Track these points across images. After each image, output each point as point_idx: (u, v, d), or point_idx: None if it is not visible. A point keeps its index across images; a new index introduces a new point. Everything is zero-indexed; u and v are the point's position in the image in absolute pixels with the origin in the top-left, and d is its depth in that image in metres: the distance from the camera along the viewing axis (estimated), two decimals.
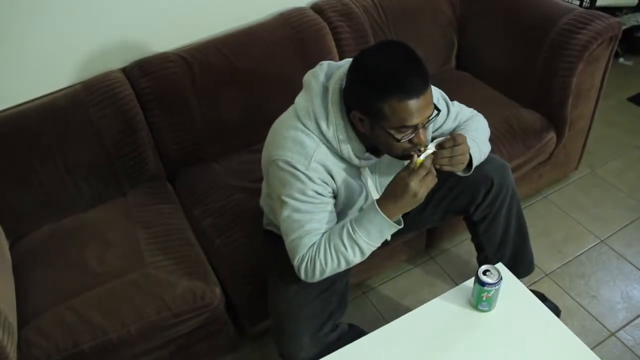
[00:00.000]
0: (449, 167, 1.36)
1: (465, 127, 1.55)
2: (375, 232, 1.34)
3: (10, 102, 1.89)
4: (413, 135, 1.26)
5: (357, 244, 1.35)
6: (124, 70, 2.00)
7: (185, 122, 2.00)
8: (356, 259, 1.38)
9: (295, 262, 1.39)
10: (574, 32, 1.98)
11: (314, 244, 1.37)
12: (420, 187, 1.28)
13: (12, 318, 1.57)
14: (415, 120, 1.23)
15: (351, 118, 1.31)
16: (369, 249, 1.37)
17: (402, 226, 1.37)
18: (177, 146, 2.02)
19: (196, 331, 1.73)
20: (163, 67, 1.95)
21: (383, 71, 1.22)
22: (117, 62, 2.00)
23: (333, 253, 1.35)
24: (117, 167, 1.96)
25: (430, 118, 1.28)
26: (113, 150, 1.93)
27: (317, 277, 1.39)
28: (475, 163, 1.49)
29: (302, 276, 1.40)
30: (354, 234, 1.34)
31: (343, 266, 1.38)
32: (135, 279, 1.68)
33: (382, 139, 1.28)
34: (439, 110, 1.30)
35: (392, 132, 1.25)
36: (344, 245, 1.35)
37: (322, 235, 1.38)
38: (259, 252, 1.74)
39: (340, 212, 1.48)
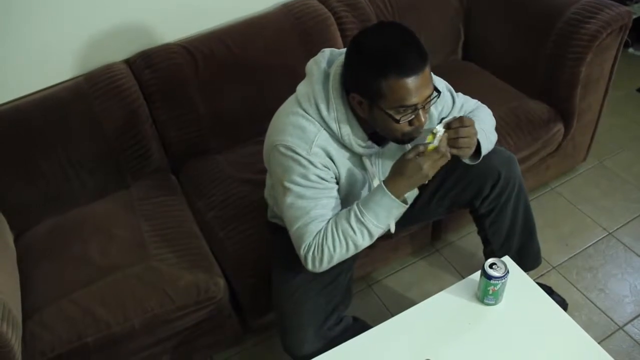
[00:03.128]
0: (455, 151, 1.34)
1: (472, 117, 1.53)
2: (384, 214, 1.33)
3: (11, 95, 1.87)
4: (413, 116, 1.24)
5: (366, 227, 1.33)
6: (127, 61, 1.99)
7: (189, 114, 1.98)
8: (365, 242, 1.36)
9: (302, 252, 1.36)
10: (583, 22, 1.95)
11: (319, 230, 1.34)
12: (431, 168, 1.29)
13: (17, 311, 1.58)
14: (414, 100, 1.21)
15: (350, 101, 1.29)
16: (377, 232, 1.36)
17: (408, 205, 1.36)
18: (181, 138, 2.01)
19: (200, 324, 1.73)
20: (166, 59, 1.94)
21: (380, 50, 1.20)
22: (119, 54, 1.99)
23: (342, 238, 1.33)
24: (121, 159, 1.95)
25: (431, 99, 1.25)
26: (116, 142, 1.92)
27: (325, 265, 1.37)
28: (483, 152, 1.47)
29: (309, 266, 1.37)
30: (362, 217, 1.32)
31: (352, 251, 1.36)
32: (139, 272, 1.68)
33: (381, 121, 1.26)
34: (438, 92, 1.28)
35: (391, 112, 1.23)
36: (352, 229, 1.33)
37: (328, 222, 1.36)
38: (263, 244, 1.73)
39: (343, 200, 1.47)
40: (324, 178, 1.35)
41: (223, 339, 1.90)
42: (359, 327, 1.53)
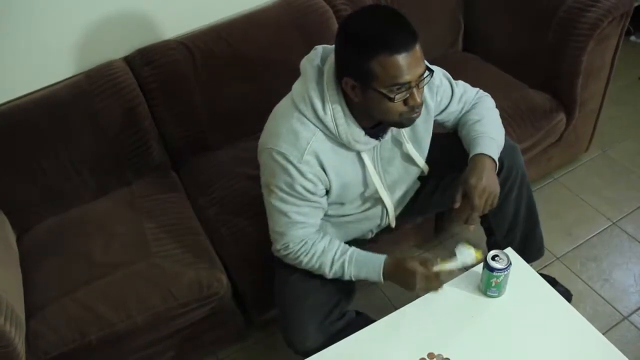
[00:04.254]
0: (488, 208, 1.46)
1: (477, 117, 1.53)
2: (362, 275, 1.45)
3: (11, 94, 1.87)
4: (407, 95, 1.24)
5: (343, 273, 1.45)
6: (126, 59, 1.98)
7: (189, 110, 1.98)
8: (330, 277, 1.47)
9: (278, 246, 1.46)
10: (583, 10, 1.93)
11: (305, 241, 1.43)
12: (421, 282, 1.40)
13: (20, 311, 1.58)
14: (406, 77, 1.20)
15: (343, 88, 1.28)
16: (347, 279, 1.47)
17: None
18: (181, 135, 2.01)
19: (203, 321, 1.73)
20: (165, 55, 1.93)
21: (369, 30, 1.20)
22: (118, 51, 1.98)
23: (317, 264, 1.44)
24: (121, 157, 1.95)
25: (424, 77, 1.24)
26: (117, 140, 1.91)
27: (289, 263, 1.49)
28: (497, 156, 1.50)
29: (277, 254, 1.49)
30: (347, 266, 1.44)
31: (315, 272, 1.47)
32: (141, 270, 1.68)
33: (376, 103, 1.25)
34: (431, 71, 1.27)
35: (385, 91, 1.21)
36: (331, 266, 1.44)
37: (319, 241, 1.44)
38: (265, 240, 1.71)
39: (337, 199, 1.47)
40: (309, 190, 1.37)
41: (227, 335, 1.90)
42: (362, 321, 1.52)
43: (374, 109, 1.28)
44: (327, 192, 1.44)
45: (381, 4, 1.26)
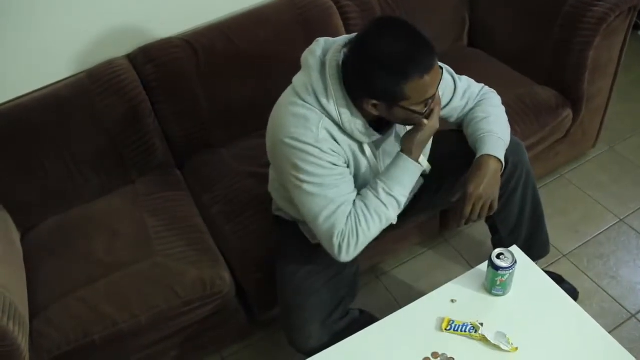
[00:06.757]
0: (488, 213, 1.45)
1: (483, 115, 1.51)
2: (408, 181, 1.37)
3: (13, 93, 1.87)
4: (431, 100, 1.29)
5: (396, 199, 1.36)
6: (128, 57, 1.98)
7: (191, 108, 1.97)
8: (394, 214, 1.38)
9: (335, 240, 1.33)
10: (590, 4, 1.90)
11: (348, 216, 1.33)
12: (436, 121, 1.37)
13: (24, 310, 1.58)
14: (433, 90, 1.26)
15: (364, 106, 1.28)
16: (403, 200, 1.38)
17: (425, 168, 1.44)
18: (184, 132, 2.00)
19: (207, 319, 1.73)
20: (168, 53, 1.92)
21: (396, 55, 1.20)
22: (121, 49, 1.98)
23: (375, 216, 1.34)
24: (124, 155, 1.94)
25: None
26: (119, 138, 1.91)
27: (360, 248, 1.36)
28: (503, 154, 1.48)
29: (344, 253, 1.34)
30: (391, 191, 1.35)
31: (383, 226, 1.38)
32: (144, 268, 1.67)
33: (402, 116, 1.30)
34: (441, 68, 1.30)
35: (416, 108, 1.26)
36: (384, 204, 1.35)
37: (354, 205, 1.35)
38: (268, 238, 1.72)
39: None
40: (335, 164, 1.33)
41: (230, 333, 1.90)
42: (365, 320, 1.51)
43: (398, 119, 1.33)
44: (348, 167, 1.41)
45: (394, 17, 1.24)
